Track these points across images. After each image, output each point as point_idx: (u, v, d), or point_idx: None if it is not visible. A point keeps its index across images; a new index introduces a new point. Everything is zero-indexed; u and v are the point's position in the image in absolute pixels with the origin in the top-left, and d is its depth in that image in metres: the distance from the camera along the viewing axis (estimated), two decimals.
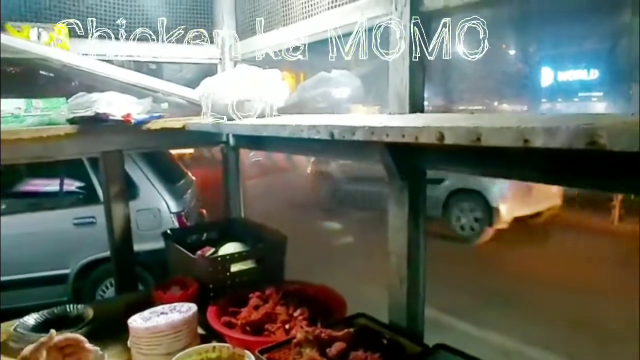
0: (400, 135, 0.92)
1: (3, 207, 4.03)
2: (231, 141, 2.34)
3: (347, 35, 1.63)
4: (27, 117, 1.83)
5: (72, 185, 4.30)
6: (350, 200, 6.56)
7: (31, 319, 1.81)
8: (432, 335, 1.43)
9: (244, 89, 1.71)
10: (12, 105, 1.79)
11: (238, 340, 1.50)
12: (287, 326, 1.59)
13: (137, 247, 4.17)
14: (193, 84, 2.15)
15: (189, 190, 4.73)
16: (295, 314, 1.62)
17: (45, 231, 4.06)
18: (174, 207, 4.21)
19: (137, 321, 1.54)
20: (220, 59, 2.35)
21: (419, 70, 1.33)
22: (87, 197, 4.19)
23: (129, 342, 1.55)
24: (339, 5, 1.59)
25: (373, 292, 1.80)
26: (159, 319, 1.53)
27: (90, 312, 1.85)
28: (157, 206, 4.17)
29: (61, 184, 4.28)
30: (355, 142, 1.36)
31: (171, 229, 2.29)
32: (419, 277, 1.42)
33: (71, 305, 1.95)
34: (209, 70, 2.40)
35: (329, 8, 1.66)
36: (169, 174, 4.54)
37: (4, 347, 1.71)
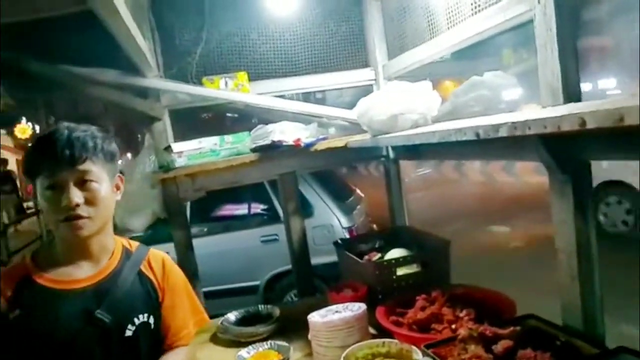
0: (542, 126, 0.93)
1: (204, 229, 4.82)
2: (390, 154, 2.48)
3: (492, 37, 1.66)
4: (222, 151, 2.24)
5: (257, 208, 4.94)
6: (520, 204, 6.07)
7: (233, 316, 2.19)
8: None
9: (397, 103, 1.84)
10: (210, 142, 2.22)
11: (405, 337, 1.59)
12: (453, 326, 1.62)
13: (314, 260, 4.56)
14: (352, 106, 2.37)
15: (359, 207, 5.01)
16: (461, 315, 1.65)
17: (237, 248, 4.73)
18: (345, 223, 4.52)
19: (315, 317, 1.75)
20: (374, 79, 2.53)
21: (571, 59, 1.28)
22: (271, 217, 4.77)
23: (309, 336, 1.76)
24: (481, 10, 1.62)
25: (543, 296, 1.71)
26: (333, 316, 1.72)
27: (277, 312, 2.15)
28: (330, 222, 4.53)
29: (249, 208, 4.95)
30: (507, 140, 1.37)
31: (342, 239, 2.51)
32: (593, 274, 1.34)
33: (262, 306, 2.29)
34: (366, 91, 2.60)
35: (472, 14, 1.70)
36: (339, 193, 4.89)
37: (214, 337, 2.11)
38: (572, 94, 1.28)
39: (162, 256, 1.49)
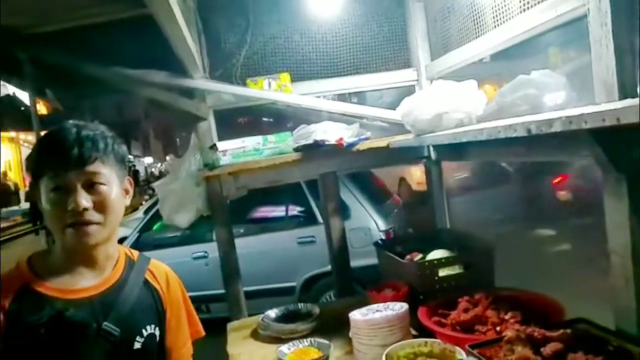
0: (601, 119, 0.91)
1: (241, 230, 4.89)
2: (432, 155, 2.46)
3: (539, 35, 1.63)
4: (265, 150, 2.28)
5: (294, 210, 4.98)
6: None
7: (273, 313, 2.22)
8: None
9: (441, 102, 1.82)
10: (254, 141, 2.27)
11: (448, 337, 1.57)
12: (498, 328, 1.59)
13: (351, 263, 4.55)
14: (393, 106, 2.37)
15: (396, 210, 4.97)
16: (506, 317, 1.61)
17: (274, 249, 4.77)
18: (382, 226, 4.49)
19: (356, 315, 1.76)
20: (416, 80, 2.52)
21: (627, 55, 1.25)
22: (308, 219, 4.79)
23: (350, 334, 1.77)
24: (531, 7, 1.59)
25: (592, 301, 1.66)
26: (375, 315, 1.72)
27: (317, 310, 2.17)
28: (368, 225, 4.51)
29: (286, 209, 5.00)
30: (558, 137, 1.35)
31: (382, 239, 2.49)
32: None
33: (302, 304, 2.31)
34: (407, 92, 2.59)
35: (520, 12, 1.68)
36: (376, 195, 4.87)
37: (254, 333, 2.14)
38: (628, 91, 1.24)
39: (164, 268, 1.37)
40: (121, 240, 7.09)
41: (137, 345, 1.20)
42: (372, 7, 2.53)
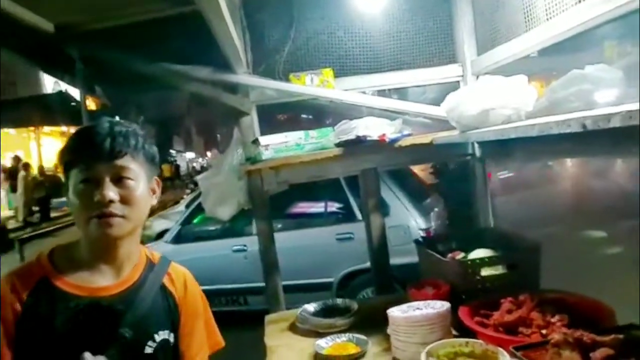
0: None
1: (279, 225, 4.94)
2: (477, 153, 2.40)
3: (595, 28, 1.56)
4: (306, 145, 2.30)
5: (333, 206, 4.99)
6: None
7: (311, 307, 2.23)
8: None
9: (488, 98, 1.78)
10: (296, 136, 2.28)
11: (491, 338, 1.53)
12: (543, 331, 1.54)
13: (390, 261, 4.51)
14: (436, 102, 2.33)
15: (436, 209, 4.89)
16: (553, 320, 1.56)
17: (313, 245, 4.80)
18: (422, 224, 4.44)
19: (395, 312, 1.74)
20: (462, 75, 2.46)
21: None
22: (346, 215, 4.79)
23: (388, 330, 1.76)
24: None
25: None
26: (415, 312, 1.70)
27: (355, 306, 2.16)
28: (407, 223, 4.46)
29: (325, 206, 5.01)
30: (613, 134, 1.28)
31: (422, 237, 2.46)
32: None
33: (340, 299, 2.32)
34: (451, 88, 2.54)
35: (575, 3, 1.61)
36: (416, 193, 4.81)
37: (292, 326, 2.16)
38: None
39: (183, 272, 1.35)
40: (162, 233, 7.36)
41: (148, 350, 1.19)
42: (417, 2, 2.49)
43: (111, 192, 1.09)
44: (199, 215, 5.33)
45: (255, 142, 2.25)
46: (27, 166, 13.83)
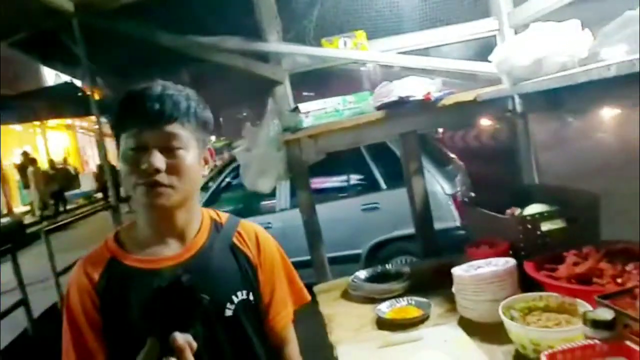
0: None
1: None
2: (518, 107, 2.33)
3: None
4: (345, 111, 2.24)
5: (356, 177, 4.94)
6: None
7: (362, 274, 2.21)
8: None
9: (541, 46, 1.70)
10: (334, 102, 2.22)
11: (566, 290, 1.50)
12: (619, 280, 1.51)
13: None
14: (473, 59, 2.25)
15: (459, 175, 4.84)
16: (627, 268, 1.52)
17: (339, 217, 4.74)
18: (448, 189, 4.39)
19: (459, 271, 1.71)
20: (498, 29, 2.38)
21: None
22: (371, 185, 4.74)
23: (454, 289, 1.73)
24: None
25: None
26: (483, 269, 1.66)
27: (407, 270, 2.14)
28: (433, 189, 4.39)
29: (348, 177, 4.96)
30: None
31: (468, 197, 2.40)
32: None
33: (389, 265, 2.29)
34: (487, 43, 2.45)
35: None
36: (439, 160, 4.75)
37: (345, 294, 2.14)
38: None
39: (254, 228, 1.29)
40: None
41: (228, 313, 1.16)
42: None
43: (157, 161, 1.04)
44: (226, 195, 5.31)
45: (295, 109, 2.20)
46: (34, 161, 13.85)
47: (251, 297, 1.20)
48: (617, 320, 1.20)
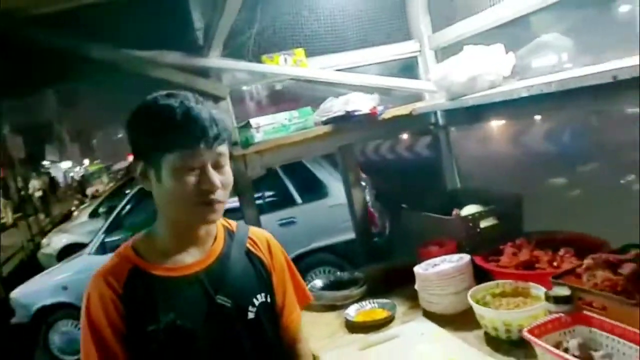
0: None
1: None
2: (440, 121, 2.60)
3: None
4: (291, 126, 2.29)
5: (270, 193, 4.96)
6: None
7: (319, 283, 2.26)
8: None
9: (474, 65, 1.95)
10: (282, 117, 2.27)
11: (516, 276, 1.72)
12: (554, 263, 1.77)
13: (334, 239, 4.64)
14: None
15: (367, 186, 5.12)
16: (560, 253, 1.80)
17: None
18: None
19: (420, 270, 1.86)
20: (419, 50, 2.63)
21: None
22: (286, 201, 4.80)
23: (416, 286, 1.87)
24: None
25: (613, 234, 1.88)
26: (444, 265, 1.83)
27: (361, 275, 2.24)
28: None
29: (263, 195, 4.96)
30: (606, 87, 1.50)
31: (402, 204, 2.57)
32: None
33: (341, 273, 2.38)
34: (407, 64, 2.70)
35: None
36: None
37: None
38: None
39: (264, 234, 1.37)
40: (65, 250, 6.66)
41: (250, 315, 1.21)
42: None
43: (217, 180, 1.09)
44: (128, 220, 4.95)
45: (247, 125, 2.19)
46: None
47: (268, 300, 1.27)
48: (573, 295, 1.43)
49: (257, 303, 1.23)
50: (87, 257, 4.87)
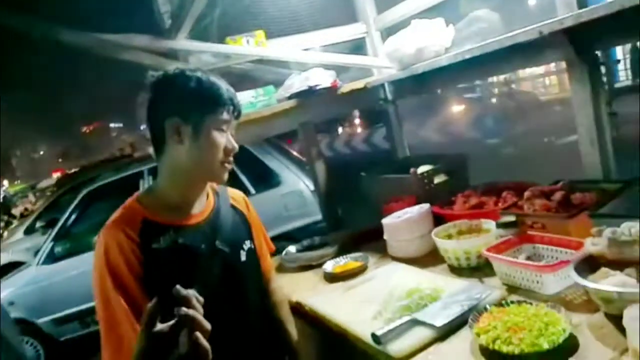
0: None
1: None
2: (389, 95, 2.85)
3: None
4: (257, 103, 2.45)
5: None
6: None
7: (293, 249, 2.42)
8: None
9: (421, 38, 2.21)
10: (248, 95, 2.41)
11: (469, 216, 2.00)
12: (499, 205, 2.06)
13: (288, 226, 4.75)
14: None
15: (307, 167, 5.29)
16: (502, 195, 2.09)
17: None
18: (312, 186, 4.80)
19: (389, 220, 2.09)
20: (366, 32, 2.87)
21: None
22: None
23: (385, 236, 2.09)
24: None
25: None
26: (407, 216, 2.06)
27: (331, 238, 2.44)
28: (299, 187, 4.78)
29: None
30: (533, 46, 1.79)
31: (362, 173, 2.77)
32: (606, 138, 1.85)
33: (310, 239, 2.55)
34: (357, 44, 2.94)
35: None
36: (298, 161, 5.16)
37: (279, 268, 2.31)
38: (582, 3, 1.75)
39: (240, 193, 1.57)
40: (5, 268, 6.34)
41: (242, 258, 1.42)
42: None
43: (236, 144, 1.31)
44: (75, 229, 4.83)
45: None
46: None
47: (252, 246, 1.49)
48: (517, 220, 1.71)
49: (246, 248, 1.44)
50: (35, 268, 4.65)
